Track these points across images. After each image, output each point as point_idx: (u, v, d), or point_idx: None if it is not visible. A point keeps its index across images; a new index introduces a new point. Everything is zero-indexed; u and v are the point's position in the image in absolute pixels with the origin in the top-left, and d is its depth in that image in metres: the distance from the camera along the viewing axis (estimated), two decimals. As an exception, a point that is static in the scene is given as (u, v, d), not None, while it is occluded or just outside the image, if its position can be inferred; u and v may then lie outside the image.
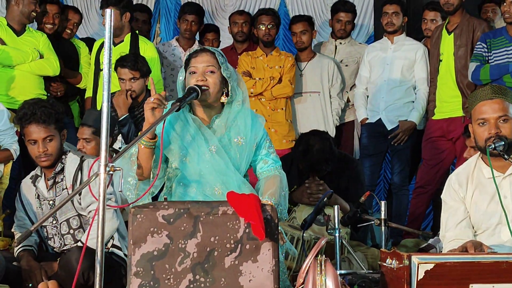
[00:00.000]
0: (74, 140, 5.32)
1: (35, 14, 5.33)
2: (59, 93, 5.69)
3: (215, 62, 3.21)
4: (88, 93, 5.65)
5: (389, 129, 5.66)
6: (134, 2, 7.79)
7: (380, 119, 5.69)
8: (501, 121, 3.13)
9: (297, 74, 5.84)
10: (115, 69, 5.02)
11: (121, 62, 5.01)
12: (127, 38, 5.50)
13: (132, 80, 4.98)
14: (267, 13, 5.86)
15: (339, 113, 5.97)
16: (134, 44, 5.52)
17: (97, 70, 5.52)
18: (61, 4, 5.98)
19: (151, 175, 3.13)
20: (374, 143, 5.75)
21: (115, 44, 5.44)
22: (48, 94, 5.49)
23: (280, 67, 5.71)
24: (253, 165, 3.35)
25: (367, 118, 5.76)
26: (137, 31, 5.69)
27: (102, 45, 5.60)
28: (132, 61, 4.99)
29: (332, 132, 5.76)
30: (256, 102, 5.69)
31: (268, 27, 5.75)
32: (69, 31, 5.94)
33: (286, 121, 5.73)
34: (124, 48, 5.41)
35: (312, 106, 5.91)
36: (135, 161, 3.11)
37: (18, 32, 5.33)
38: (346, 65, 6.06)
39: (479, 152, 3.26)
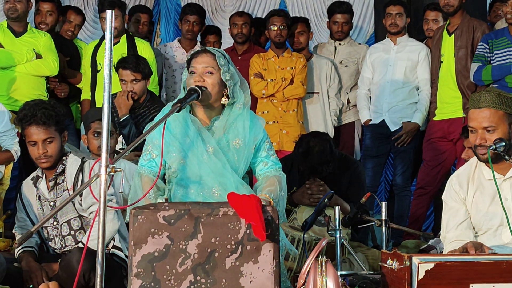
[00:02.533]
0: (74, 141, 5.33)
1: (15, 11, 5.28)
2: (63, 94, 5.69)
3: (215, 64, 3.21)
4: (85, 96, 5.65)
5: (392, 130, 5.66)
6: (134, 4, 7.83)
7: (383, 120, 5.69)
8: (487, 131, 3.14)
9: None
10: (116, 70, 5.02)
11: (123, 64, 5.02)
12: (123, 39, 5.52)
13: (134, 82, 4.99)
14: (279, 14, 5.84)
15: (337, 113, 5.97)
16: (132, 44, 5.52)
17: (94, 72, 5.52)
18: (58, 2, 5.92)
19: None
20: (377, 144, 5.75)
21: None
22: (47, 96, 5.46)
23: (292, 68, 5.71)
24: (253, 167, 3.35)
25: (371, 120, 5.76)
26: (131, 32, 5.70)
27: (97, 47, 5.59)
28: (134, 63, 4.99)
29: (331, 133, 5.76)
30: (268, 104, 5.70)
31: (280, 28, 5.74)
32: (70, 33, 5.94)
33: (298, 122, 5.71)
34: (121, 48, 5.41)
35: (311, 107, 5.91)
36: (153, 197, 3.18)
37: (18, 34, 5.32)
38: (346, 66, 6.05)
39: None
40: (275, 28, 5.73)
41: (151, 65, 5.44)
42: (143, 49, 5.56)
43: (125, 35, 5.56)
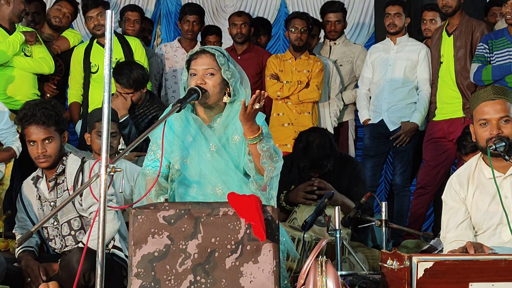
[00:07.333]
0: (72, 142, 5.33)
1: (24, 14, 5.33)
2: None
3: (215, 64, 3.20)
4: (73, 98, 5.62)
5: (391, 130, 5.66)
6: (128, 3, 7.82)
7: (382, 120, 5.69)
8: (503, 121, 3.13)
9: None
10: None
11: (116, 76, 4.95)
12: (113, 38, 5.47)
13: (129, 95, 4.98)
14: (301, 17, 5.78)
15: (338, 114, 5.96)
16: (125, 42, 5.50)
17: (88, 73, 5.49)
18: (75, 5, 5.89)
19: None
20: (376, 144, 5.75)
21: (103, 46, 5.40)
22: (40, 95, 5.43)
23: (308, 71, 5.70)
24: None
25: (370, 119, 5.76)
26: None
27: (88, 48, 5.55)
28: (127, 77, 4.94)
29: (331, 134, 5.76)
30: (282, 105, 5.71)
31: (301, 31, 5.71)
32: (57, 20, 5.77)
33: (313, 124, 5.65)
34: (116, 48, 5.35)
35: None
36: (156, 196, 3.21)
37: (10, 31, 5.27)
38: (341, 65, 6.05)
39: (480, 152, 3.27)
40: (296, 31, 5.70)
41: (143, 62, 5.40)
42: (136, 46, 5.54)
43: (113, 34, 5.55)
